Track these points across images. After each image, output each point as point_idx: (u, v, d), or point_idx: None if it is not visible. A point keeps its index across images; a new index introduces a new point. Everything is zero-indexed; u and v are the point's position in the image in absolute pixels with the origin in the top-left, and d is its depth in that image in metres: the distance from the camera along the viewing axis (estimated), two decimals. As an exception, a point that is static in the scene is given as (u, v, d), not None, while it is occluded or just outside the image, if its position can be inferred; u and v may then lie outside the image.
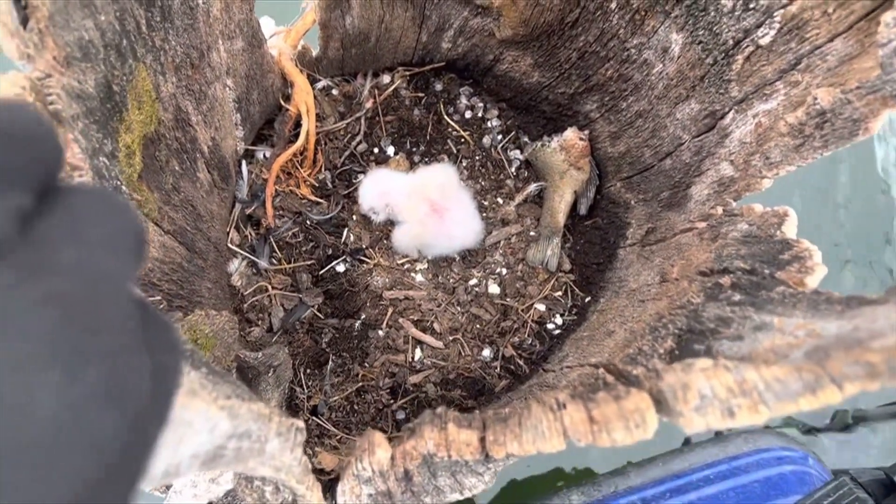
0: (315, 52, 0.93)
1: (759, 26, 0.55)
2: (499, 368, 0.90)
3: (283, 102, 0.93)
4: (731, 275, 0.50)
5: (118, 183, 0.56)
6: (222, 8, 0.72)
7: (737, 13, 0.56)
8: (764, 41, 0.55)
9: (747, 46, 0.57)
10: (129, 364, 0.19)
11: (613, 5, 0.70)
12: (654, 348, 0.48)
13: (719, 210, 0.63)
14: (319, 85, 0.97)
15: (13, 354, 0.16)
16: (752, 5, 0.55)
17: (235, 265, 0.91)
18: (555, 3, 0.74)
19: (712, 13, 0.59)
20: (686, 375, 0.35)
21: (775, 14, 0.53)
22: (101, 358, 0.18)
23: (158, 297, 0.66)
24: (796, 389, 0.31)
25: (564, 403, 0.40)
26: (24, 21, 0.42)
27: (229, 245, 0.91)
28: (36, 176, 0.19)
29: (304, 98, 0.91)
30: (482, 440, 0.46)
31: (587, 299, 0.93)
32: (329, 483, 0.59)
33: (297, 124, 0.94)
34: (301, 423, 0.50)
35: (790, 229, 0.51)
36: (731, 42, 0.58)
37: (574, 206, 0.96)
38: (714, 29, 0.60)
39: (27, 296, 0.17)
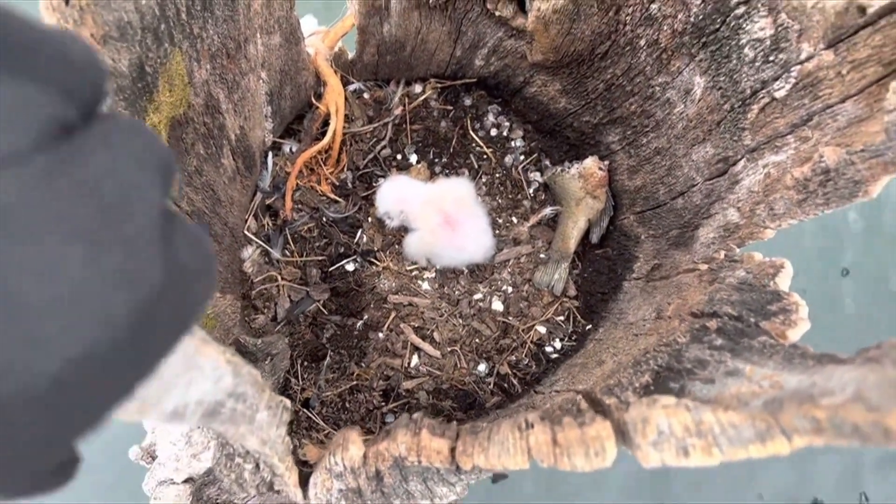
0: (351, 54, 0.95)
1: (776, 79, 0.56)
2: (492, 384, 0.91)
3: (314, 100, 0.95)
4: (719, 319, 0.51)
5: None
6: (263, 3, 0.75)
7: (757, 63, 0.57)
8: (779, 94, 0.55)
9: (763, 97, 0.58)
10: (146, 255, 0.21)
11: (643, 42, 0.71)
12: (632, 381, 0.49)
13: (721, 254, 0.64)
14: (352, 87, 0.99)
15: (44, 227, 0.18)
16: (771, 58, 0.55)
17: (249, 252, 0.94)
18: (586, 33, 0.75)
19: (734, 61, 0.60)
20: (648, 410, 0.36)
21: (792, 69, 0.54)
22: (120, 244, 0.20)
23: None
24: (748, 436, 0.32)
25: (532, 423, 0.41)
26: (68, -2, 0.45)
27: (246, 232, 0.94)
28: (83, 95, 0.21)
29: (335, 98, 0.93)
30: (453, 450, 0.47)
31: (588, 327, 0.93)
32: (308, 476, 0.61)
33: (326, 123, 0.96)
34: (288, 402, 0.52)
35: (784, 281, 0.51)
36: (748, 91, 0.59)
37: (586, 234, 0.97)
38: (734, 77, 0.60)
39: (58, 181, 0.19)
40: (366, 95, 1.01)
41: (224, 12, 0.68)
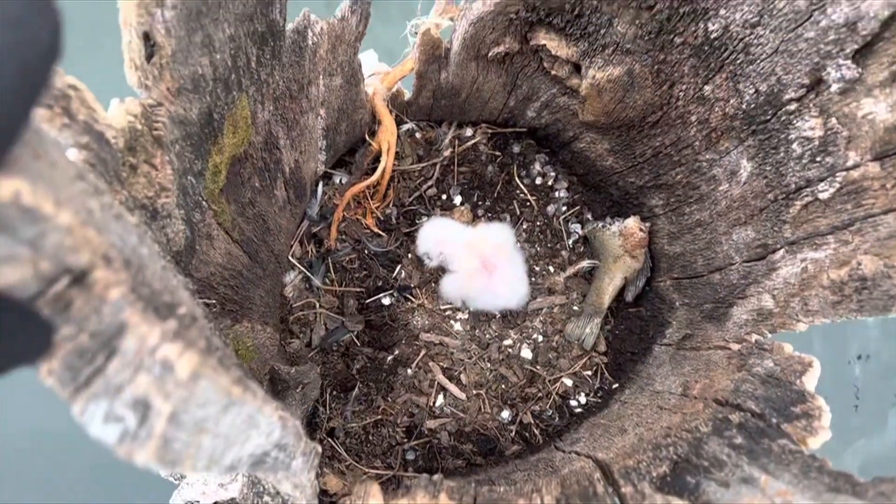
0: (407, 96, 0.98)
1: (821, 180, 0.56)
2: (514, 433, 0.92)
3: (368, 137, 0.99)
4: (742, 413, 0.51)
5: (200, 198, 0.61)
6: (329, 49, 0.78)
7: (804, 161, 0.58)
8: (823, 196, 0.56)
9: (807, 196, 0.58)
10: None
11: (693, 118, 0.72)
12: (650, 469, 0.50)
13: (753, 338, 0.64)
14: (405, 127, 1.02)
15: None
16: (818, 159, 0.56)
17: (291, 277, 0.97)
18: (638, 103, 0.77)
19: (782, 153, 0.61)
20: (660, 514, 0.37)
21: (837, 174, 0.54)
22: None
23: (213, 301, 0.72)
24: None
25: (546, 505, 0.43)
26: (150, 56, 0.48)
27: (290, 257, 0.97)
28: None
29: (388, 137, 0.96)
30: (468, 515, 0.48)
31: (614, 385, 0.94)
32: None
33: (377, 159, 0.99)
34: (319, 448, 0.54)
35: (810, 381, 0.52)
36: (793, 186, 0.60)
37: (621, 292, 0.98)
38: (781, 169, 0.61)
39: None
40: (417, 135, 1.04)
41: (291, 58, 0.72)
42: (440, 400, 0.94)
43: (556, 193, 1.05)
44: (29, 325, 0.22)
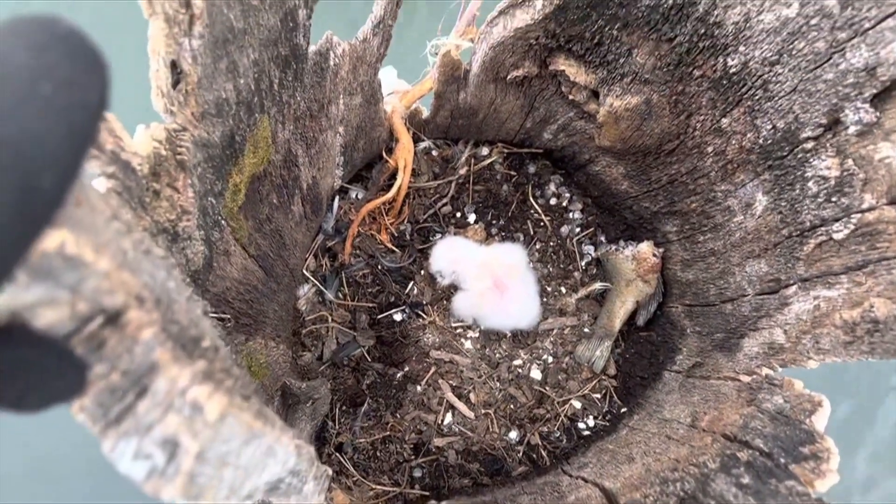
0: (425, 114, 0.99)
1: (836, 220, 0.56)
2: (521, 453, 0.93)
3: (385, 154, 1.00)
4: (750, 451, 0.51)
5: (219, 217, 0.62)
6: (350, 69, 0.79)
7: (819, 200, 0.58)
8: (837, 236, 0.56)
9: (821, 235, 0.58)
10: None
11: (710, 149, 0.73)
12: (657, 504, 0.50)
13: (764, 372, 0.64)
14: (422, 145, 1.03)
15: None
16: (834, 199, 0.56)
17: (305, 290, 0.98)
18: (655, 131, 0.77)
19: (798, 190, 0.61)
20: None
21: (853, 216, 0.54)
22: None
23: (228, 316, 0.73)
24: None
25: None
26: (176, 83, 0.49)
27: (304, 271, 0.98)
28: None
29: (405, 155, 0.97)
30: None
31: (623, 409, 0.94)
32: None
33: (393, 176, 1.00)
34: (330, 471, 0.55)
35: (820, 421, 0.52)
36: (808, 224, 0.60)
37: (633, 316, 0.98)
38: (796, 206, 0.61)
39: None
40: (434, 153, 1.05)
41: (312, 80, 0.73)
42: (448, 418, 0.94)
43: (571, 215, 1.05)
44: (66, 365, 0.23)
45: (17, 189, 0.19)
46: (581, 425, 0.95)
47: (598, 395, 0.97)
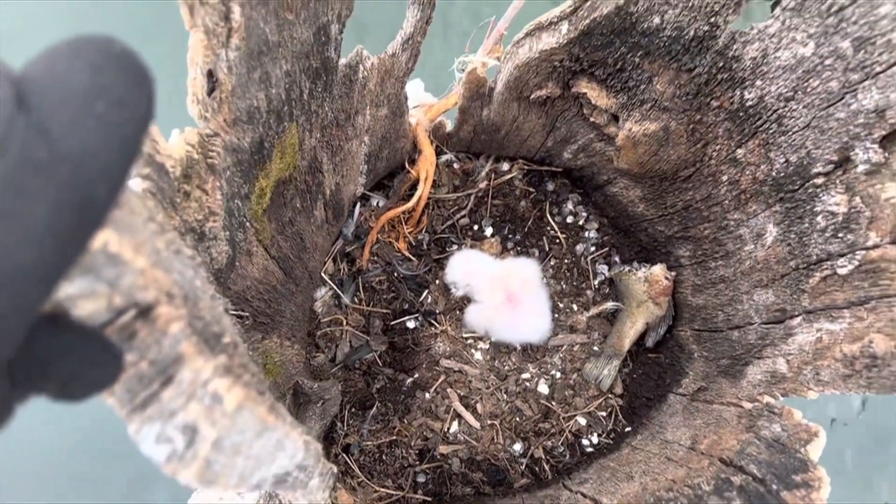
0: (449, 128, 1.02)
1: (841, 255, 0.58)
2: (524, 466, 0.94)
3: (407, 165, 1.02)
4: (744, 476, 0.53)
5: (244, 219, 0.65)
6: (377, 82, 0.82)
7: (827, 234, 0.60)
8: (842, 271, 0.57)
9: (826, 269, 0.60)
10: None
11: (724, 178, 0.74)
12: (649, 522, 0.51)
13: (765, 399, 0.66)
14: (444, 158, 1.05)
15: None
16: (840, 234, 0.58)
17: (322, 293, 1.01)
18: (672, 157, 0.79)
19: (806, 224, 0.62)
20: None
21: (857, 252, 0.56)
22: None
23: (247, 314, 0.75)
24: None
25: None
26: (211, 91, 0.52)
27: (323, 274, 1.01)
28: None
29: (426, 167, 0.99)
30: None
31: (627, 429, 0.95)
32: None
33: (414, 186, 1.02)
34: (335, 469, 0.57)
35: (815, 451, 0.53)
36: (814, 257, 0.61)
37: (642, 337, 0.99)
38: (804, 239, 0.63)
39: None
40: (455, 166, 1.07)
41: (341, 90, 0.75)
42: (455, 426, 0.96)
43: (586, 234, 1.07)
44: (106, 353, 0.26)
45: (77, 200, 0.21)
46: (585, 442, 0.96)
47: (604, 413, 0.98)
